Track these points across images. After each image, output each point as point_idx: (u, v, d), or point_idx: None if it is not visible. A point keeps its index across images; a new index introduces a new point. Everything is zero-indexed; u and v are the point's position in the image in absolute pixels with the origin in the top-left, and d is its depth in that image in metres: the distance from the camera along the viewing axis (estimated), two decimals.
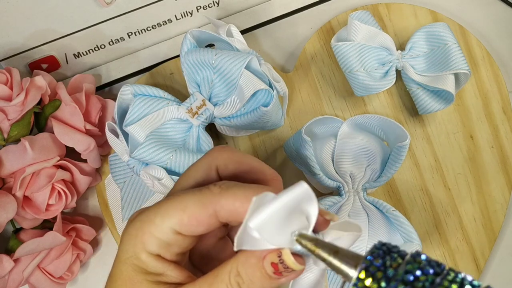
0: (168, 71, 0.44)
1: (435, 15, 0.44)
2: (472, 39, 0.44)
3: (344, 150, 0.41)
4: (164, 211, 0.24)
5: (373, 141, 0.41)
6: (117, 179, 0.42)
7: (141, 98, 0.38)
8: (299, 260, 0.24)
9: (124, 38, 0.44)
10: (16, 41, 0.40)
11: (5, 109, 0.37)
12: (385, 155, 0.40)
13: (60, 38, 0.42)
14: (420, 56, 0.41)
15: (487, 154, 0.43)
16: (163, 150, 0.37)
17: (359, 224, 0.38)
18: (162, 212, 0.25)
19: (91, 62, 0.45)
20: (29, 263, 0.38)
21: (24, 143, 0.37)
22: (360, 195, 0.39)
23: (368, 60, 0.40)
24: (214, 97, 0.39)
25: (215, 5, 0.44)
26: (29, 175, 0.38)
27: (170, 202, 0.25)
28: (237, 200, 0.24)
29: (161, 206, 0.25)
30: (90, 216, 0.44)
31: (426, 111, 0.40)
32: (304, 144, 0.38)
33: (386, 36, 0.40)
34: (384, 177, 0.39)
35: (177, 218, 0.24)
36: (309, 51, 0.44)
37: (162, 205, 0.25)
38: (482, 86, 0.43)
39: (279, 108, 0.39)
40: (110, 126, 0.37)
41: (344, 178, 0.40)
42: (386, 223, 0.38)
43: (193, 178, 0.27)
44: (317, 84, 0.43)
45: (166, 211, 0.24)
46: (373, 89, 0.40)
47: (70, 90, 0.42)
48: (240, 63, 0.36)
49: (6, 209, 0.37)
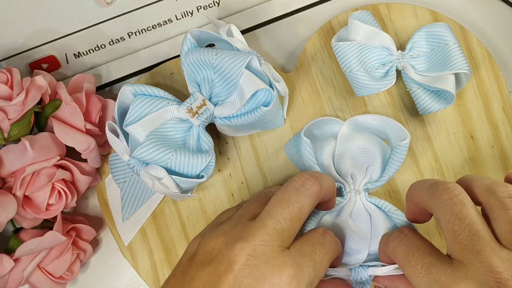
0: (169, 71, 0.44)
1: (435, 15, 0.44)
2: (472, 39, 0.44)
3: (344, 150, 0.41)
4: None
5: (373, 141, 0.41)
6: (117, 179, 0.42)
7: (141, 98, 0.38)
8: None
9: (124, 38, 0.44)
10: (17, 41, 0.41)
11: (6, 108, 0.37)
12: (385, 155, 0.40)
13: (61, 38, 0.42)
14: (420, 56, 0.41)
15: (487, 154, 0.43)
16: (163, 150, 0.37)
17: (362, 224, 0.39)
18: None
19: (91, 62, 0.45)
20: (29, 262, 0.38)
21: (24, 142, 0.37)
22: (362, 195, 0.39)
23: (368, 60, 0.40)
24: (215, 97, 0.39)
25: (215, 5, 0.44)
26: (29, 175, 0.38)
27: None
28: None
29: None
30: (90, 216, 0.44)
31: (427, 111, 0.40)
32: (304, 146, 0.39)
33: (386, 36, 0.40)
34: (385, 177, 0.39)
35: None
36: (309, 51, 0.44)
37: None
38: (482, 86, 0.43)
39: (279, 108, 0.39)
40: (110, 125, 0.37)
41: (345, 179, 0.40)
42: (388, 223, 0.38)
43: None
44: (317, 84, 0.43)
45: None
46: (373, 89, 0.40)
47: (71, 89, 0.42)
48: (240, 63, 0.36)
49: (6, 208, 0.37)
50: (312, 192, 0.33)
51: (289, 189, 0.33)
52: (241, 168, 0.43)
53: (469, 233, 0.27)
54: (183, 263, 0.33)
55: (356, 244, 0.38)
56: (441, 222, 0.29)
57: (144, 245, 0.42)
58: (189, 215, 0.43)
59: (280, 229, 0.31)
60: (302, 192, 0.33)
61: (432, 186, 0.30)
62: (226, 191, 0.43)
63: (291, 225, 0.32)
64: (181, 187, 0.37)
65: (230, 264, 0.30)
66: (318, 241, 0.33)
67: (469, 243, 0.27)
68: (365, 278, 0.36)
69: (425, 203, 0.31)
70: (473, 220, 0.27)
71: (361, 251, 0.38)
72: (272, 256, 0.30)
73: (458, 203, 0.28)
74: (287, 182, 0.34)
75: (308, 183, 0.33)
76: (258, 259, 0.30)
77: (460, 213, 0.28)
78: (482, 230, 0.27)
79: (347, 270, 0.37)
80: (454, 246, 0.28)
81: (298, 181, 0.33)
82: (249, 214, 0.33)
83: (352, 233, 0.38)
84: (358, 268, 0.36)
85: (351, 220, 0.39)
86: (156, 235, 0.42)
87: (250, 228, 0.31)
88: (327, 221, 0.39)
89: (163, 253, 0.42)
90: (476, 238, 0.27)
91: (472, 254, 0.27)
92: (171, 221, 0.43)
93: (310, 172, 0.34)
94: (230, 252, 0.31)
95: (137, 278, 0.43)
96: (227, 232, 0.32)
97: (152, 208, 0.43)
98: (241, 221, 0.33)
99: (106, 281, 0.44)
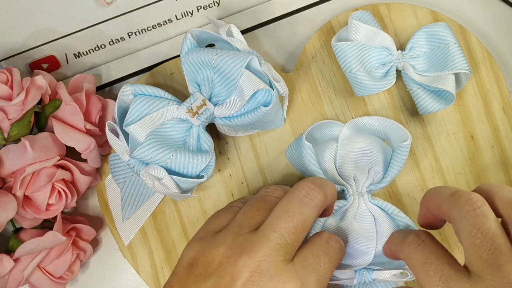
0: (169, 71, 0.44)
1: (435, 15, 0.44)
2: (472, 39, 0.44)
3: (346, 153, 0.41)
4: None
5: (374, 142, 0.41)
6: (117, 179, 0.42)
7: (141, 98, 0.38)
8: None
9: (124, 38, 0.44)
10: (17, 41, 0.41)
11: (6, 108, 0.37)
12: (387, 156, 0.40)
13: (61, 38, 0.42)
14: (420, 56, 0.41)
15: (487, 154, 0.43)
16: (163, 150, 0.37)
17: (366, 226, 0.39)
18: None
19: (91, 62, 0.45)
20: (29, 262, 0.38)
21: (24, 142, 0.37)
22: (365, 197, 0.39)
23: (368, 60, 0.40)
24: (215, 97, 0.39)
25: (215, 5, 0.44)
26: (29, 175, 0.38)
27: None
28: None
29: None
30: (90, 216, 0.44)
31: (427, 111, 0.40)
32: (306, 151, 0.38)
33: (386, 36, 0.40)
34: (388, 178, 0.39)
35: None
36: (309, 51, 0.44)
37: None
38: (482, 86, 0.43)
39: (279, 108, 0.39)
40: (110, 125, 0.37)
41: (348, 182, 0.40)
42: (392, 224, 0.38)
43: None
44: (317, 84, 0.43)
45: None
46: (374, 89, 0.40)
47: (71, 89, 0.42)
48: (240, 63, 0.36)
49: (6, 208, 0.37)
50: (316, 203, 0.32)
51: (293, 200, 0.32)
52: (241, 168, 0.43)
53: (490, 247, 0.27)
54: (180, 274, 0.32)
55: (363, 245, 0.38)
56: (461, 234, 0.28)
57: (144, 245, 0.42)
58: (189, 215, 0.43)
59: (284, 244, 0.31)
60: (306, 204, 0.32)
61: (453, 196, 0.29)
62: (226, 191, 0.43)
63: (295, 239, 0.31)
64: (181, 187, 0.37)
65: (233, 279, 0.29)
66: (322, 250, 0.32)
67: (490, 257, 0.26)
68: (369, 280, 0.36)
69: (444, 211, 0.30)
70: (496, 235, 0.27)
71: (368, 252, 0.38)
72: (276, 272, 0.30)
73: (480, 215, 0.27)
74: (290, 191, 0.33)
75: (313, 193, 0.32)
76: (262, 275, 0.30)
77: (482, 226, 0.27)
78: (504, 245, 0.27)
79: (352, 273, 0.36)
80: (474, 259, 0.27)
81: (302, 191, 0.32)
82: (249, 224, 0.32)
83: (358, 235, 0.38)
84: (363, 271, 0.36)
85: (356, 222, 0.39)
86: (156, 235, 0.42)
87: (253, 242, 0.31)
88: (331, 224, 0.39)
89: (163, 253, 0.42)
90: (497, 252, 0.26)
91: (493, 269, 0.26)
92: (171, 221, 0.43)
93: (314, 181, 0.34)
94: (233, 267, 0.30)
95: (137, 278, 0.43)
96: (227, 243, 0.31)
97: (152, 208, 0.43)
98: (241, 233, 0.32)
99: (106, 281, 0.44)
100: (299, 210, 0.32)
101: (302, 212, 0.31)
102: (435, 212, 0.31)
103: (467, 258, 0.28)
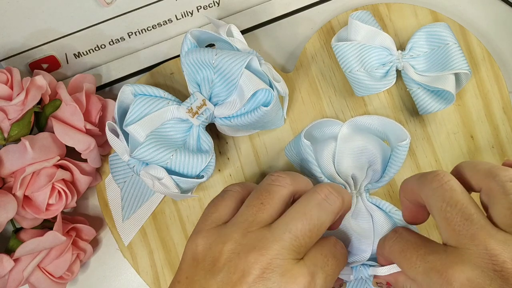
0: (169, 71, 0.44)
1: (435, 15, 0.44)
2: (472, 39, 0.44)
3: (344, 152, 0.41)
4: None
5: (373, 141, 0.41)
6: (117, 179, 0.42)
7: (141, 98, 0.38)
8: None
9: (124, 38, 0.44)
10: (17, 41, 0.41)
11: (6, 108, 0.37)
12: (386, 155, 0.40)
13: (61, 38, 0.42)
14: (420, 56, 0.41)
15: (487, 154, 0.43)
16: (163, 150, 0.37)
17: (364, 224, 0.39)
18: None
19: (91, 62, 0.45)
20: (29, 262, 0.38)
21: (24, 142, 0.37)
22: (363, 196, 0.39)
23: (368, 60, 0.40)
24: (215, 97, 0.39)
25: (215, 5, 0.44)
26: (29, 175, 0.38)
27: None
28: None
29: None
30: (90, 216, 0.44)
31: (427, 111, 0.40)
32: (304, 148, 0.39)
33: (386, 36, 0.40)
34: (386, 177, 0.39)
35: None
36: (309, 51, 0.44)
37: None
38: (482, 86, 0.43)
39: (279, 108, 0.39)
40: (110, 125, 0.37)
41: (346, 180, 0.40)
42: (389, 223, 0.38)
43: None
44: (317, 84, 0.43)
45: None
46: (373, 89, 0.40)
47: (71, 90, 0.42)
48: (240, 63, 0.36)
49: (6, 208, 0.37)
50: (334, 209, 0.32)
51: (312, 202, 0.32)
52: (241, 168, 0.43)
53: (461, 218, 0.27)
54: (186, 268, 0.31)
55: (361, 243, 0.38)
56: (433, 211, 0.29)
57: (144, 245, 0.42)
58: (189, 215, 0.43)
59: (298, 245, 0.30)
60: (324, 208, 0.31)
61: (422, 176, 0.30)
62: None
63: (309, 241, 0.31)
64: (181, 187, 0.37)
65: (244, 275, 0.29)
66: (331, 252, 0.32)
67: (462, 228, 0.27)
68: (366, 277, 0.36)
69: (416, 194, 0.30)
70: (465, 205, 0.27)
71: (366, 250, 0.38)
72: (287, 268, 0.30)
73: (448, 189, 0.28)
74: (309, 192, 0.32)
75: (332, 198, 0.32)
76: (273, 272, 0.29)
77: (451, 200, 0.28)
78: (475, 214, 0.27)
79: (349, 269, 0.37)
80: (449, 233, 0.28)
81: (321, 194, 0.32)
82: (256, 221, 0.31)
83: (355, 233, 0.38)
84: (360, 267, 0.36)
85: (354, 220, 0.39)
86: (156, 235, 0.42)
87: (265, 240, 0.30)
88: None
89: (163, 253, 0.42)
90: (469, 222, 0.27)
91: (467, 238, 0.27)
92: (171, 221, 0.43)
93: (333, 185, 0.33)
94: (244, 263, 0.30)
95: (137, 278, 0.43)
96: (235, 239, 0.31)
97: (152, 208, 0.43)
98: (250, 229, 0.31)
99: (106, 281, 0.44)
100: (317, 214, 0.31)
101: (319, 217, 0.31)
102: (412, 199, 0.32)
103: (443, 235, 0.28)
